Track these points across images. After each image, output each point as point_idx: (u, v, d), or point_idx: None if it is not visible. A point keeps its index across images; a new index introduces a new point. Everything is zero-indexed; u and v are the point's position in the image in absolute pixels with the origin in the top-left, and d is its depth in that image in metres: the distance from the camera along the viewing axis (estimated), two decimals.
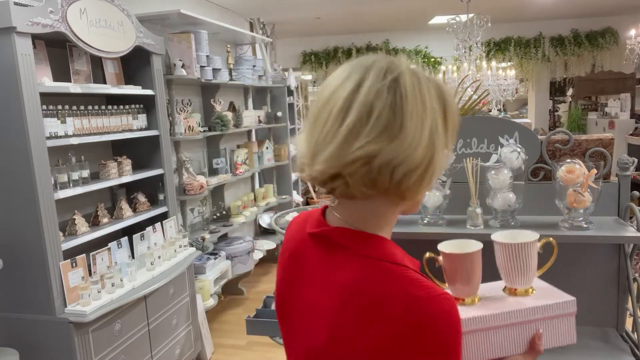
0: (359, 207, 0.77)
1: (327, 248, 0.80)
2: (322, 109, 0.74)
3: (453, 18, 5.58)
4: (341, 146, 0.70)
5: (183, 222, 3.65)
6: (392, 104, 0.70)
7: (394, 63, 0.74)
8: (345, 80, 0.73)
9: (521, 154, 1.56)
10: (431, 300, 0.69)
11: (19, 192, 2.18)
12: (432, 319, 0.69)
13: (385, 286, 0.72)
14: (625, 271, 1.61)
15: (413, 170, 0.71)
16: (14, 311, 2.29)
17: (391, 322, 0.70)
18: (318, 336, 0.76)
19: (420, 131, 0.70)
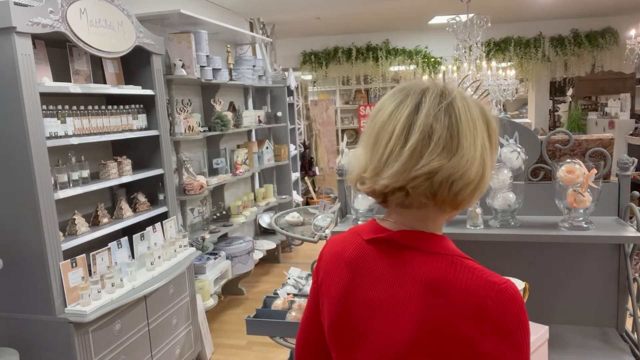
0: (413, 214, 0.87)
1: (394, 251, 0.87)
2: (383, 130, 0.84)
3: (453, 18, 5.58)
4: (406, 164, 0.80)
5: (183, 222, 3.65)
6: (449, 126, 0.80)
7: (447, 88, 0.84)
8: (401, 103, 0.84)
9: (521, 154, 1.56)
10: (507, 285, 0.80)
11: (19, 192, 2.18)
12: (513, 300, 0.79)
13: (466, 277, 0.80)
14: (625, 271, 1.61)
15: (468, 184, 0.81)
16: (14, 311, 2.29)
17: (478, 308, 0.78)
18: (402, 332, 0.82)
19: (473, 149, 0.81)
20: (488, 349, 0.79)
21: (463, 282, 0.80)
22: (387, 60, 7.63)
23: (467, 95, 0.85)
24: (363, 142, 0.88)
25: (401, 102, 0.84)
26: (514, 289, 0.80)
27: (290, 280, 2.41)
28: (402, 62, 7.69)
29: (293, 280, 2.41)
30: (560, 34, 7.36)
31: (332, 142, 8.31)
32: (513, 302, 0.79)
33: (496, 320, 0.78)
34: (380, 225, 0.91)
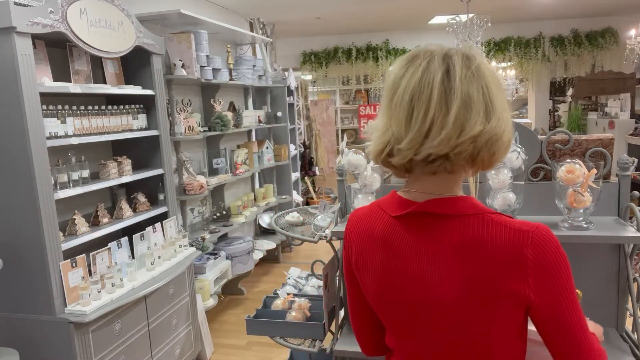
0: (440, 180, 0.89)
1: (425, 221, 0.89)
2: (416, 98, 0.83)
3: (453, 18, 5.58)
4: (452, 131, 0.81)
5: (183, 222, 3.65)
6: (483, 89, 0.83)
7: (468, 53, 0.87)
8: (426, 70, 0.84)
9: (521, 154, 1.56)
10: (539, 230, 0.83)
11: (19, 192, 2.18)
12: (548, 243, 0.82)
13: (500, 232, 0.83)
14: (625, 271, 1.61)
15: (504, 143, 0.85)
16: (14, 311, 2.29)
17: (517, 260, 0.81)
18: (448, 297, 0.86)
19: (502, 109, 0.85)
20: (535, 296, 0.82)
21: (498, 237, 0.83)
22: (387, 60, 7.62)
23: (485, 59, 0.88)
24: (387, 112, 0.88)
25: (426, 68, 0.84)
26: (546, 231, 0.83)
27: (290, 280, 2.41)
28: None
29: (293, 280, 2.41)
30: (560, 34, 7.36)
31: (332, 142, 8.31)
32: (549, 244, 0.82)
33: (537, 267, 0.81)
34: (404, 198, 0.92)
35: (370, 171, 1.65)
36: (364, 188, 1.66)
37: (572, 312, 0.84)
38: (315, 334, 1.86)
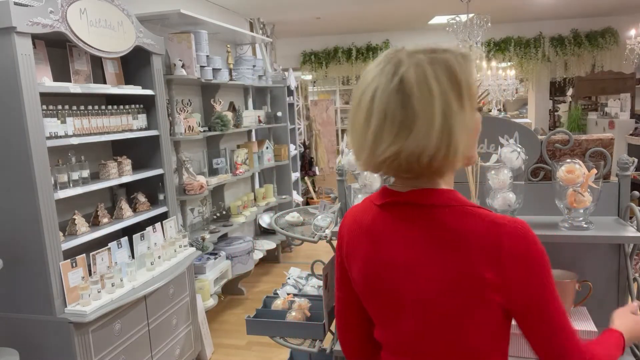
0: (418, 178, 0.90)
1: (407, 211, 0.91)
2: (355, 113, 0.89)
3: (453, 18, 5.58)
4: (371, 151, 0.84)
5: (183, 222, 3.65)
6: (402, 103, 0.81)
7: (401, 61, 0.84)
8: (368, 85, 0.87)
9: (521, 154, 1.56)
10: (516, 224, 0.84)
11: (19, 192, 2.18)
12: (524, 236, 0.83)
13: (478, 224, 0.84)
14: (625, 271, 1.61)
15: (435, 153, 0.82)
16: (14, 311, 2.29)
17: (494, 252, 0.83)
18: (429, 286, 0.87)
19: (431, 119, 0.80)
20: (510, 285, 0.83)
21: (476, 228, 0.84)
22: None
23: (424, 61, 0.83)
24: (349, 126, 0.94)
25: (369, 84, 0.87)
26: (523, 225, 0.84)
27: (290, 280, 2.41)
28: None
29: (293, 280, 2.41)
30: (560, 34, 7.36)
31: (332, 142, 8.31)
32: (524, 236, 0.83)
33: (511, 257, 0.82)
34: (390, 189, 0.94)
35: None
36: (364, 188, 1.66)
37: (551, 301, 0.84)
38: (315, 334, 1.86)
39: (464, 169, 1.60)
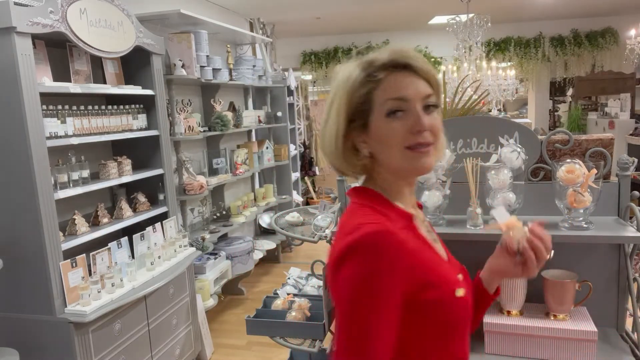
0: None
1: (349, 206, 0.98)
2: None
3: (453, 18, 5.58)
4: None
5: (183, 222, 3.64)
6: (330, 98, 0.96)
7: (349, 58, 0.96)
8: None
9: (521, 154, 1.56)
10: (362, 226, 0.84)
11: (19, 192, 2.18)
12: (358, 241, 0.83)
13: (349, 222, 0.89)
14: (625, 271, 1.61)
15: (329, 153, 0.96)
16: (14, 311, 2.29)
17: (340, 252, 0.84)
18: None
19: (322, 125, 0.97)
20: (332, 290, 0.86)
21: (346, 226, 0.88)
22: None
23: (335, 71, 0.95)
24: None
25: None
26: (364, 233, 0.82)
27: (290, 280, 2.41)
28: None
29: (293, 280, 2.41)
30: (560, 34, 7.36)
31: None
32: (344, 257, 0.83)
33: (338, 262, 0.84)
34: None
35: None
36: None
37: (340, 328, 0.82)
38: (315, 334, 1.86)
39: (463, 172, 1.60)
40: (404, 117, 0.88)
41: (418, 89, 0.89)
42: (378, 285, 0.80)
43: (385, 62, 0.90)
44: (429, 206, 1.62)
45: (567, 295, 1.51)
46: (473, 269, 1.67)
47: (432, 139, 0.90)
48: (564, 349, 1.46)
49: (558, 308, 1.53)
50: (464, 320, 0.94)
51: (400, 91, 0.88)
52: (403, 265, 0.83)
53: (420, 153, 0.89)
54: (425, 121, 0.88)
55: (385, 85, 0.89)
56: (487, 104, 6.24)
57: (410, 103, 0.88)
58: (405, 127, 0.88)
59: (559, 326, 1.47)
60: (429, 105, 0.90)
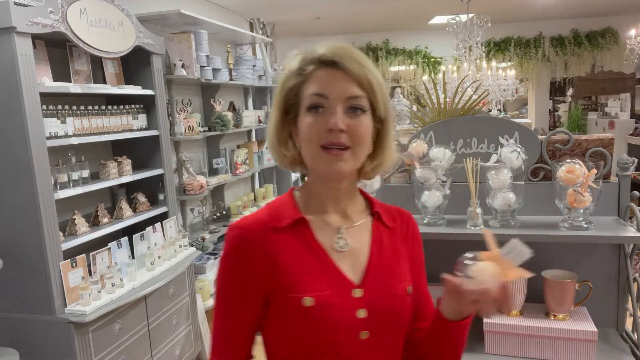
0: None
1: None
2: None
3: (453, 18, 5.58)
4: None
5: (183, 222, 3.64)
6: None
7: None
8: None
9: (521, 154, 1.56)
10: (236, 222, 0.93)
11: (19, 192, 2.18)
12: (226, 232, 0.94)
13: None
14: (625, 271, 1.61)
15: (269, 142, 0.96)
16: (14, 311, 2.29)
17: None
18: None
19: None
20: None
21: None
22: (387, 60, 7.62)
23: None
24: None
25: None
26: (231, 229, 0.92)
27: None
28: (402, 62, 7.69)
29: None
30: (560, 34, 7.36)
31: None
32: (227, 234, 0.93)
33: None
34: None
35: None
36: (364, 188, 1.66)
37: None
38: None
39: (463, 172, 1.60)
40: (324, 114, 0.85)
41: (342, 88, 0.86)
42: (223, 270, 0.91)
43: (317, 56, 0.89)
44: (429, 206, 1.62)
45: (567, 295, 1.51)
46: None
47: (349, 142, 0.85)
48: (564, 349, 1.46)
49: (558, 308, 1.53)
50: (317, 334, 0.85)
51: (322, 88, 0.86)
52: (251, 259, 0.89)
53: (332, 155, 0.85)
54: (339, 121, 0.84)
55: (312, 80, 0.88)
56: (487, 104, 6.24)
57: (330, 101, 0.85)
58: (322, 125, 0.85)
59: (559, 326, 1.47)
60: (355, 107, 0.86)
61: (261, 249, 0.89)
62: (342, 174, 0.87)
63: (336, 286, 0.87)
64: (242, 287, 0.90)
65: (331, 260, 0.89)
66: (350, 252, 0.91)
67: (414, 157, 1.62)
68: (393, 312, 0.90)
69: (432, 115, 1.84)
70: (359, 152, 0.87)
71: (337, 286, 0.87)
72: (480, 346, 1.54)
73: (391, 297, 0.90)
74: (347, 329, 0.86)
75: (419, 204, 1.63)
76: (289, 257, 0.89)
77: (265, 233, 0.90)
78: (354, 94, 0.86)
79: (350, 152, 0.86)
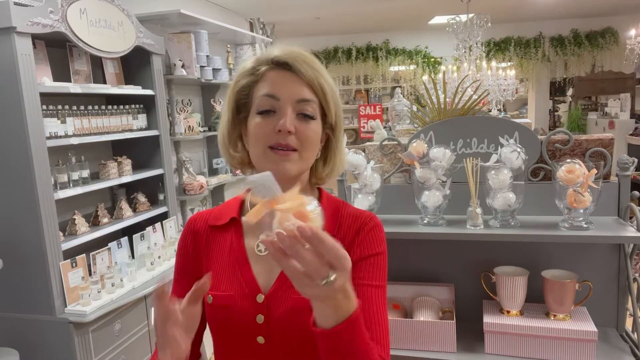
0: None
1: None
2: None
3: (453, 18, 5.58)
4: None
5: (183, 222, 3.64)
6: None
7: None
8: None
9: (521, 154, 1.56)
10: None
11: (19, 192, 2.18)
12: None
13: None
14: (625, 271, 1.61)
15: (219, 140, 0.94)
16: (14, 311, 2.29)
17: None
18: None
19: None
20: None
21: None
22: (387, 60, 7.62)
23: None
24: None
25: None
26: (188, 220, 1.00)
27: None
28: (402, 62, 7.69)
29: None
30: (560, 34, 7.36)
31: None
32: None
33: None
34: None
35: (370, 171, 1.65)
36: (364, 188, 1.66)
37: None
38: None
39: (463, 172, 1.60)
40: (274, 116, 0.84)
41: (293, 90, 0.85)
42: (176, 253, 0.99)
43: (270, 58, 0.88)
44: (429, 206, 1.62)
45: (567, 295, 1.51)
46: (473, 269, 1.68)
47: (297, 145, 0.84)
48: (564, 349, 1.46)
49: (558, 308, 1.52)
50: (217, 332, 0.92)
51: (273, 89, 0.85)
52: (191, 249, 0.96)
53: (279, 155, 0.84)
54: (289, 123, 0.82)
55: (263, 80, 0.87)
56: (487, 104, 6.24)
57: (281, 102, 0.84)
58: (272, 126, 0.84)
59: (559, 326, 1.47)
60: (305, 115, 0.85)
61: (199, 242, 0.95)
62: (287, 173, 0.84)
63: (243, 290, 0.87)
64: (183, 270, 0.97)
65: (248, 264, 0.90)
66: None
67: (414, 157, 1.62)
68: (291, 321, 0.84)
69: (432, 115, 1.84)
70: (306, 155, 0.86)
71: (243, 290, 0.87)
72: (480, 346, 1.54)
73: (292, 306, 0.84)
74: (244, 332, 0.87)
75: (419, 204, 1.63)
76: (215, 254, 0.93)
77: (205, 229, 0.96)
78: (305, 96, 0.85)
79: (297, 155, 0.85)
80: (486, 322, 1.52)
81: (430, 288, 1.66)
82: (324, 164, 0.94)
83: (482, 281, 1.60)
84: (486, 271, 1.60)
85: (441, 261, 1.73)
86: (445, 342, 1.52)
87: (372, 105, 8.52)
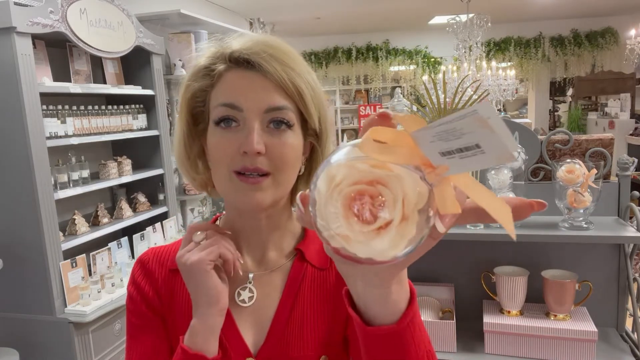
0: None
1: None
2: None
3: (453, 18, 5.58)
4: None
5: (183, 222, 3.64)
6: None
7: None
8: None
9: (521, 154, 1.56)
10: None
11: (19, 192, 2.18)
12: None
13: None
14: (625, 271, 1.61)
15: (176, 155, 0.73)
16: (14, 311, 2.29)
17: None
18: None
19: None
20: None
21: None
22: (387, 60, 7.63)
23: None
24: None
25: None
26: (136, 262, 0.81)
27: None
28: (402, 62, 7.69)
29: None
30: (560, 34, 7.36)
31: (332, 142, 8.30)
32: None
33: None
34: None
35: None
36: None
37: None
38: None
39: None
40: (237, 131, 0.64)
41: (259, 96, 0.63)
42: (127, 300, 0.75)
43: (228, 54, 0.66)
44: None
45: (567, 295, 1.51)
46: (473, 269, 1.68)
47: (269, 167, 0.64)
48: (564, 349, 1.46)
49: (558, 308, 1.53)
50: None
51: (233, 96, 0.64)
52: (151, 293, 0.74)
53: (247, 183, 0.64)
54: (256, 143, 0.62)
55: (221, 84, 0.66)
56: None
57: (244, 114, 0.63)
58: (235, 145, 0.63)
59: (559, 326, 1.47)
60: (278, 121, 0.64)
61: (158, 289, 0.74)
62: (260, 206, 0.65)
63: (227, 353, 0.68)
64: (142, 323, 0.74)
65: (230, 318, 0.69)
66: (255, 308, 0.71)
67: None
68: None
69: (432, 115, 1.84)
70: (282, 179, 0.66)
71: (227, 353, 0.69)
72: (480, 346, 1.54)
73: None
74: None
75: None
76: (182, 306, 0.72)
77: (164, 273, 0.74)
78: (275, 104, 0.64)
79: (270, 180, 0.65)
80: (486, 322, 1.52)
81: (430, 288, 1.66)
82: (308, 181, 0.73)
83: (482, 281, 1.60)
84: (486, 271, 1.60)
85: (441, 261, 1.73)
86: (445, 342, 1.52)
87: (372, 105, 8.54)
